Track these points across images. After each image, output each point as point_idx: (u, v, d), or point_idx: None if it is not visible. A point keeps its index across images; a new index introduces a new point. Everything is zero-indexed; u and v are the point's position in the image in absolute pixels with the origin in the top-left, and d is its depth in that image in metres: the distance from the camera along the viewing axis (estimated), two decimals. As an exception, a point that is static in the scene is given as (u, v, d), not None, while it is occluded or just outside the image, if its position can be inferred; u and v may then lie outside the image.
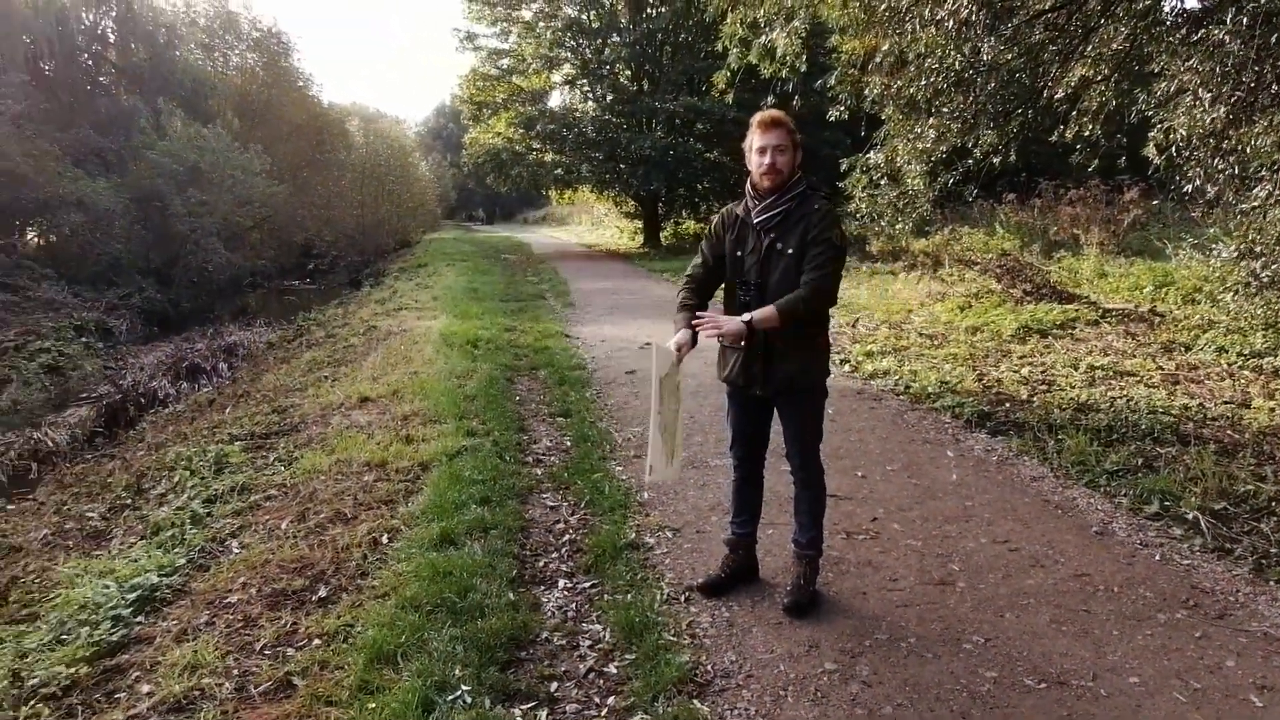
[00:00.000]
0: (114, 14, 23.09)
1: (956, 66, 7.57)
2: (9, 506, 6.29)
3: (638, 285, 15.85)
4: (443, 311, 11.69)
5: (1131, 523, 4.16)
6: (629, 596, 3.45)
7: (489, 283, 15.98)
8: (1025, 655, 2.98)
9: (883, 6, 7.58)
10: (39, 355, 11.86)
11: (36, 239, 18.90)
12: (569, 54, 25.96)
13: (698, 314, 3.14)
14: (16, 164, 15.73)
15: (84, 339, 13.67)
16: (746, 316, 3.03)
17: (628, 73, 25.85)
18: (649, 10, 24.81)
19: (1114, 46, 7.57)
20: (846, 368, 7.81)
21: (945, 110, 8.02)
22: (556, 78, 27.53)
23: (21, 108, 16.60)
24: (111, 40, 23.79)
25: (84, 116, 20.75)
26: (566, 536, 4.16)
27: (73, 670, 3.12)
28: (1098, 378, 6.90)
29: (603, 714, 2.75)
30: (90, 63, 23.25)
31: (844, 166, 9.68)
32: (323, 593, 3.57)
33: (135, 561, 4.12)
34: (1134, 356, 7.43)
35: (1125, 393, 6.40)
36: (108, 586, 3.76)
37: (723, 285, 3.39)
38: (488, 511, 4.28)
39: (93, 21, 22.99)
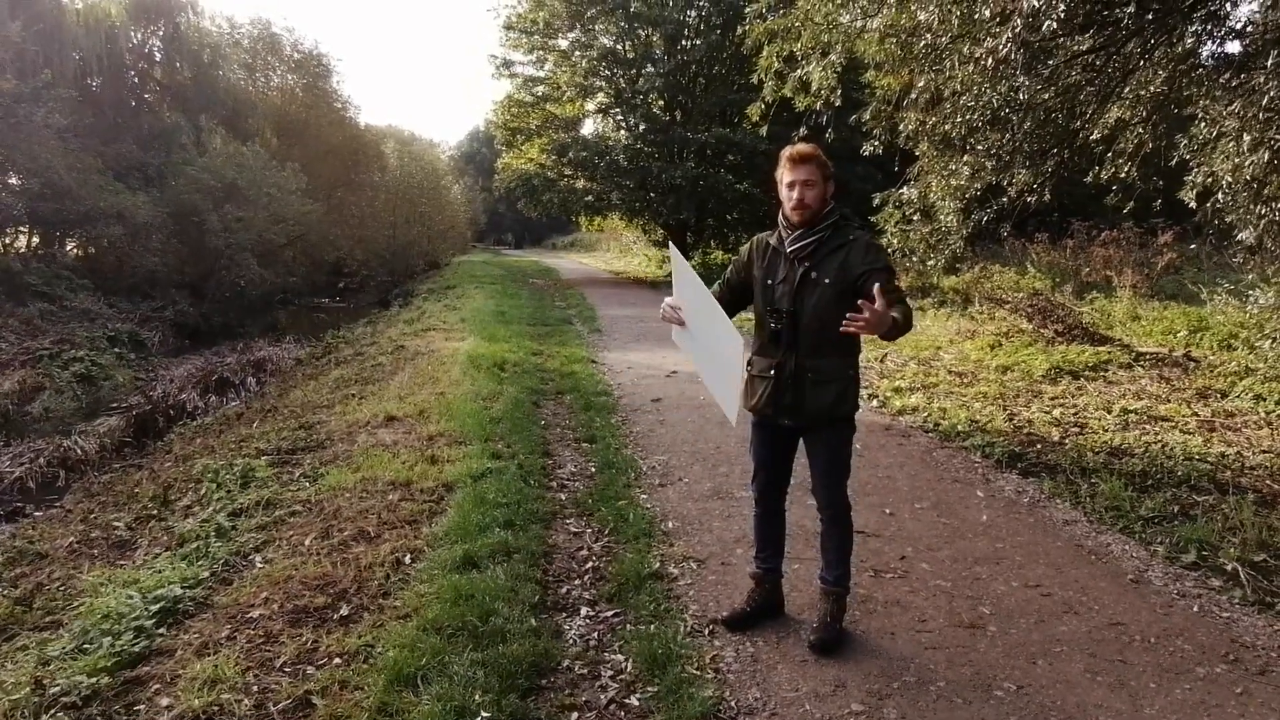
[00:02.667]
0: (161, 33, 23.63)
1: (993, 105, 7.54)
2: (37, 514, 6.36)
3: (664, 313, 15.80)
4: (470, 333, 11.75)
5: (1168, 572, 4.05)
6: (652, 627, 3.40)
7: (517, 306, 16.06)
8: (1059, 705, 2.90)
9: (920, 44, 7.58)
10: (72, 364, 12.00)
11: (76, 250, 19.24)
12: (603, 83, 26.25)
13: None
14: (60, 176, 16.06)
15: (117, 349, 13.84)
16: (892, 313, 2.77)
17: (661, 103, 26.05)
18: (684, 42, 25.06)
19: (1152, 89, 7.52)
20: (874, 403, 7.73)
21: (980, 148, 7.99)
22: (590, 106, 27.84)
23: (68, 122, 16.96)
24: (158, 59, 24.34)
25: (127, 132, 21.22)
26: (589, 564, 4.12)
27: (94, 680, 3.11)
28: (1131, 422, 6.78)
29: (623, 747, 2.70)
30: (136, 80, 23.78)
31: (876, 201, 9.66)
32: (344, 611, 3.55)
33: (159, 573, 4.14)
34: (1168, 401, 7.30)
35: (1160, 438, 6.28)
36: (131, 597, 3.76)
37: (752, 315, 3.36)
38: (511, 535, 4.25)
39: (140, 40, 23.54)
